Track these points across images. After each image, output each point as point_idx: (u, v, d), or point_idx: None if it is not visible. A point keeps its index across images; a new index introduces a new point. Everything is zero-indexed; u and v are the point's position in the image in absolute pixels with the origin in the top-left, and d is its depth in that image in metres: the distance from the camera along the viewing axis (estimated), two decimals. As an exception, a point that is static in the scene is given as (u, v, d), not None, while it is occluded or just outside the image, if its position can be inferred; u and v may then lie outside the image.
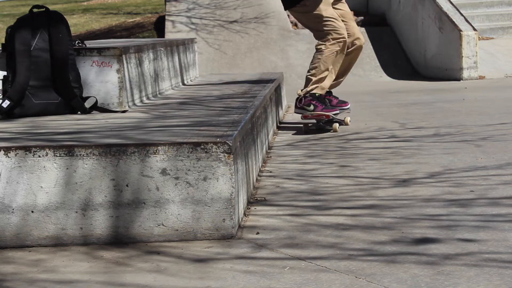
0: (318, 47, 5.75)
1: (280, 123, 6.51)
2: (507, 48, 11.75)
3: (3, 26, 15.86)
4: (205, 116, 3.98)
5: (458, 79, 10.70)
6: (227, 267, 2.63)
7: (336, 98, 5.99)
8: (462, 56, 10.68)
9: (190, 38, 7.27)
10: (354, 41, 5.91)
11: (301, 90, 5.80)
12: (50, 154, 2.94)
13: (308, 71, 5.82)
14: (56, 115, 4.20)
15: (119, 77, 4.41)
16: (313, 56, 5.79)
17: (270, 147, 5.20)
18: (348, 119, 6.01)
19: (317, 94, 5.71)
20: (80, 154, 2.94)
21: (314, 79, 5.73)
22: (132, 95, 4.65)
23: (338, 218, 3.24)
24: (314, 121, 5.89)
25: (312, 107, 5.67)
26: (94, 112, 4.30)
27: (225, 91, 5.77)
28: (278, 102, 6.65)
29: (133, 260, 2.76)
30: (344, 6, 5.96)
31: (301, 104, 5.74)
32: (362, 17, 13.07)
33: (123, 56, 4.45)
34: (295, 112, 5.87)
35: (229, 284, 2.47)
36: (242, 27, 11.96)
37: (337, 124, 5.76)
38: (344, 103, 6.04)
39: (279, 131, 6.08)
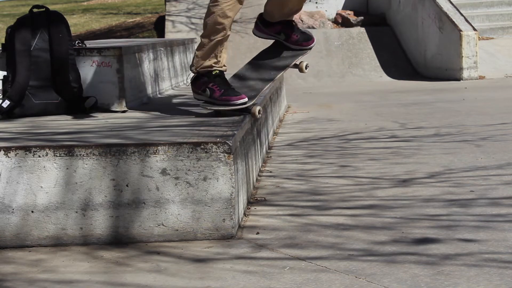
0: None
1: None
2: (507, 48, 11.75)
3: (3, 26, 15.86)
4: (205, 116, 3.97)
5: (458, 79, 10.70)
6: (227, 267, 2.63)
7: (297, 32, 4.24)
8: (462, 56, 10.68)
9: (190, 38, 7.27)
10: None
11: (191, 66, 4.12)
12: (50, 154, 2.94)
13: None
14: (56, 115, 4.20)
15: (119, 77, 4.41)
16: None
17: (270, 147, 5.20)
18: (304, 65, 4.24)
19: (214, 72, 4.00)
20: (80, 154, 2.94)
21: (205, 48, 4.02)
22: (132, 95, 4.65)
23: (338, 218, 3.24)
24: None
25: (208, 92, 3.94)
26: (94, 112, 4.30)
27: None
28: (278, 102, 6.65)
29: (133, 260, 2.76)
30: None
31: (196, 86, 4.08)
32: (362, 17, 13.08)
33: (123, 56, 4.45)
34: (194, 97, 4.15)
35: (229, 284, 2.47)
36: (242, 27, 11.96)
37: (257, 108, 3.92)
38: (307, 40, 4.24)
39: (279, 131, 6.08)
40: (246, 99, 3.87)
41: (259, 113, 3.94)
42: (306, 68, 4.26)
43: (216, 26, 3.92)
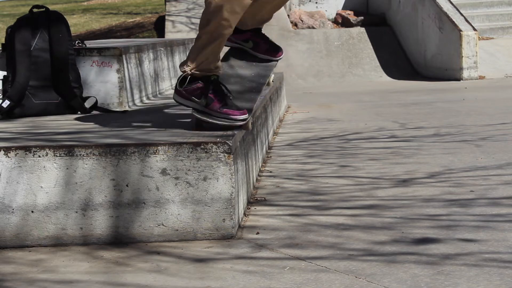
0: None
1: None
2: (507, 48, 11.75)
3: (3, 26, 15.86)
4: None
5: (458, 79, 10.71)
6: (227, 267, 2.63)
7: (266, 41, 3.79)
8: (462, 56, 10.68)
9: (190, 38, 7.27)
10: None
11: (185, 65, 3.47)
12: (50, 154, 2.94)
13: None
14: (56, 115, 4.20)
15: (119, 77, 4.41)
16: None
17: (270, 147, 5.20)
18: (271, 78, 3.85)
19: (213, 78, 3.45)
20: (80, 154, 2.94)
21: (206, 48, 3.41)
22: (132, 95, 4.65)
23: (338, 218, 3.24)
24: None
25: (204, 102, 3.41)
26: (94, 112, 4.30)
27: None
28: (278, 102, 6.65)
29: (133, 260, 2.76)
30: None
31: (186, 90, 3.46)
32: (362, 17, 13.07)
33: (123, 56, 4.45)
34: (175, 100, 3.53)
35: (229, 284, 2.47)
36: (242, 27, 11.96)
37: (250, 121, 3.56)
38: (276, 51, 3.80)
39: (279, 131, 6.08)
40: (247, 115, 3.43)
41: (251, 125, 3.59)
42: (272, 81, 3.83)
43: (222, 22, 3.34)
